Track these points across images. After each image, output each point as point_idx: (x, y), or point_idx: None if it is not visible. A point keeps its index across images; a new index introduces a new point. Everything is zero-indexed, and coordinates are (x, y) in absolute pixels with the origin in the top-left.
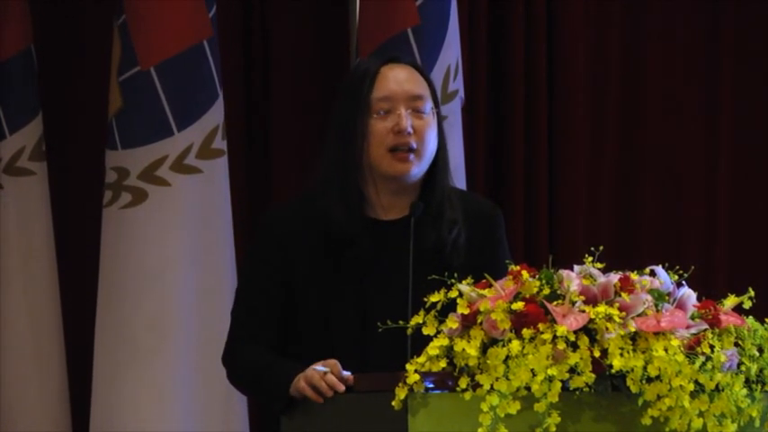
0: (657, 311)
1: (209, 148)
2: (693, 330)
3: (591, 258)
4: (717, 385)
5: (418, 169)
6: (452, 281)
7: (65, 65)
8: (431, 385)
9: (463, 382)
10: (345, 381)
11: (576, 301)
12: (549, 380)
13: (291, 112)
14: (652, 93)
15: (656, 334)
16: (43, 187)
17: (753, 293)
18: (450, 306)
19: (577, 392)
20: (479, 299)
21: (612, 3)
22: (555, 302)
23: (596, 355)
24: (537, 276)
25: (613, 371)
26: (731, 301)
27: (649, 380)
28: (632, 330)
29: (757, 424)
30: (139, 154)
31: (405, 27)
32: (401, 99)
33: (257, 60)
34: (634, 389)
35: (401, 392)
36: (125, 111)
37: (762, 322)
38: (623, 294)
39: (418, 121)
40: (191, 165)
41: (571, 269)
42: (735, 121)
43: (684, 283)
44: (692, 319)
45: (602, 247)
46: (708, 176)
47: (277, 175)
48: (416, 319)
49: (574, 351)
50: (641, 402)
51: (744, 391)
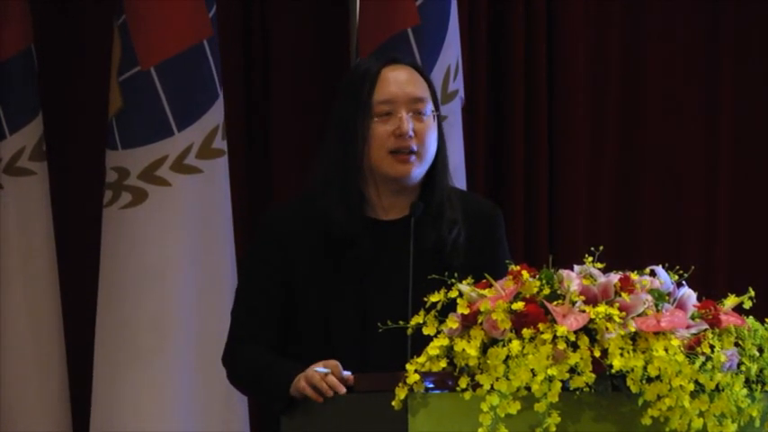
0: (657, 311)
1: (209, 148)
2: (693, 330)
3: (591, 258)
4: (717, 385)
5: (419, 171)
6: (452, 281)
7: (65, 65)
8: (431, 385)
9: (463, 382)
10: (346, 381)
11: (577, 301)
12: (550, 380)
13: (291, 112)
14: (652, 93)
15: (657, 334)
16: (43, 187)
17: (753, 293)
18: (451, 306)
19: (577, 392)
20: (479, 299)
21: (612, 3)
22: (555, 302)
23: (596, 355)
24: (537, 276)
25: (613, 371)
26: (731, 301)
27: (649, 380)
28: (632, 330)
29: (757, 424)
30: (139, 154)
31: (405, 27)
32: (402, 102)
33: (257, 60)
34: (634, 389)
35: (401, 392)
36: (125, 111)
37: (762, 322)
38: (623, 294)
39: (419, 124)
40: (191, 165)
41: (571, 269)
42: (735, 121)
43: (684, 283)
44: (692, 319)
45: (602, 247)
46: (708, 176)
47: (277, 175)
48: (416, 319)
49: (574, 351)
50: (641, 402)
51: (744, 391)
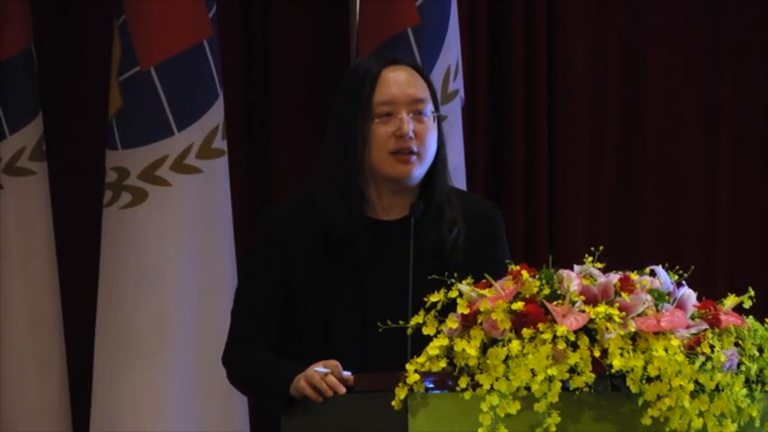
0: (657, 311)
1: (209, 147)
2: (693, 330)
3: (591, 258)
4: (717, 385)
5: (419, 171)
6: (452, 281)
7: (65, 65)
8: (431, 385)
9: (463, 381)
10: (346, 381)
11: (576, 301)
12: (549, 380)
13: (291, 112)
14: (652, 93)
15: (656, 334)
16: (43, 187)
17: (753, 293)
18: (450, 306)
19: (577, 392)
20: (479, 299)
21: (612, 3)
22: (555, 302)
23: (596, 354)
24: (537, 276)
25: (613, 371)
26: (731, 301)
27: (649, 380)
28: (632, 330)
29: (757, 424)
30: (139, 154)
31: (405, 27)
32: (402, 103)
33: (257, 60)
34: (634, 389)
35: (401, 392)
36: (125, 111)
37: (762, 322)
38: (623, 294)
39: (419, 125)
40: (191, 165)
41: (571, 269)
42: (735, 121)
43: (684, 283)
44: (692, 319)
45: (602, 247)
46: (708, 176)
47: (277, 175)
48: (416, 319)
49: (574, 351)
50: (641, 402)
51: (744, 391)
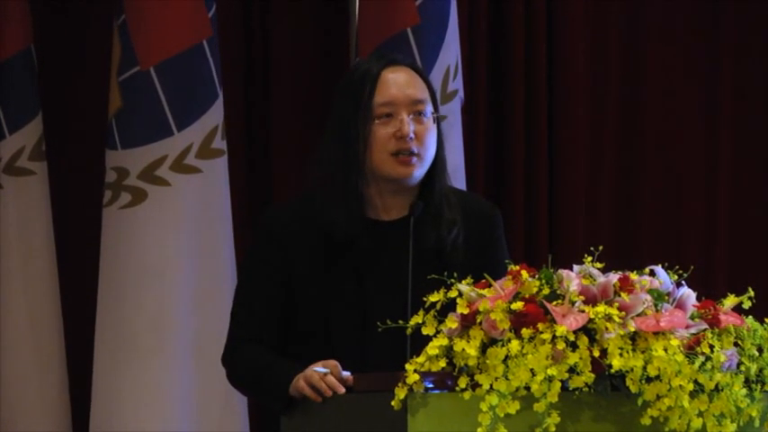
0: (657, 311)
1: (208, 147)
2: (693, 330)
3: (590, 258)
4: (716, 385)
5: (420, 172)
6: (452, 281)
7: (65, 65)
8: (430, 385)
9: (463, 381)
10: (345, 382)
11: (576, 301)
12: (549, 380)
13: (291, 112)
14: (652, 92)
15: (656, 334)
16: (43, 187)
17: (752, 293)
18: (450, 306)
19: (577, 392)
20: (479, 299)
21: (612, 3)
22: (554, 302)
23: (596, 354)
24: (536, 276)
25: (613, 371)
26: (731, 301)
27: (649, 380)
28: (632, 330)
29: (757, 424)
30: (139, 154)
31: (404, 27)
32: (403, 104)
33: (257, 60)
34: (633, 389)
35: (401, 392)
36: (125, 111)
37: (761, 322)
38: (623, 294)
39: (419, 126)
40: (190, 165)
41: (571, 269)
42: (735, 121)
43: (684, 283)
44: (692, 318)
45: (601, 247)
46: (708, 176)
47: (277, 175)
48: (416, 319)
49: (573, 351)
50: (641, 402)
51: (743, 391)
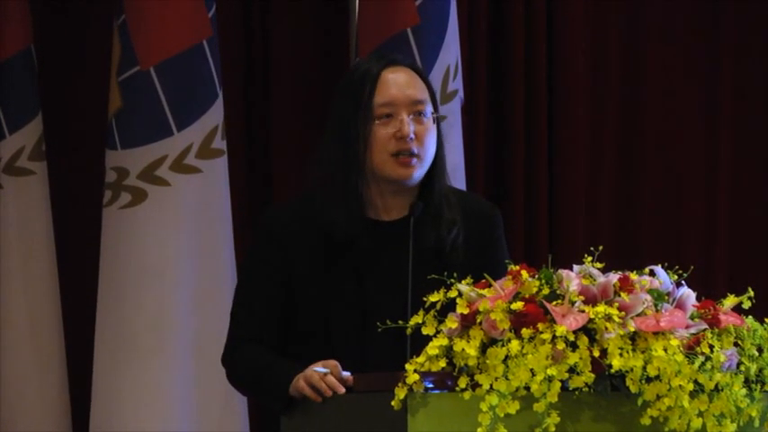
0: (657, 311)
1: (208, 147)
2: (693, 330)
3: (590, 258)
4: (716, 385)
5: (420, 172)
6: (452, 281)
7: (65, 65)
8: (430, 385)
9: (462, 381)
10: (345, 382)
11: (576, 301)
12: (549, 380)
13: (291, 112)
14: (652, 92)
15: (656, 334)
16: (43, 187)
17: (752, 293)
18: (450, 306)
19: (577, 392)
20: (479, 299)
21: (612, 3)
22: (554, 302)
23: (596, 354)
24: (536, 276)
25: (613, 371)
26: (730, 301)
27: (649, 380)
28: (632, 330)
29: (756, 424)
30: (139, 154)
31: (404, 27)
32: (403, 104)
33: (257, 60)
34: (633, 389)
35: (400, 392)
36: (125, 111)
37: (761, 322)
38: (623, 294)
39: (419, 126)
40: (190, 165)
41: (571, 269)
42: (735, 121)
43: (684, 283)
44: (692, 318)
45: (601, 247)
46: (708, 176)
47: (277, 175)
48: (416, 319)
49: (573, 351)
50: (641, 402)
51: (743, 391)
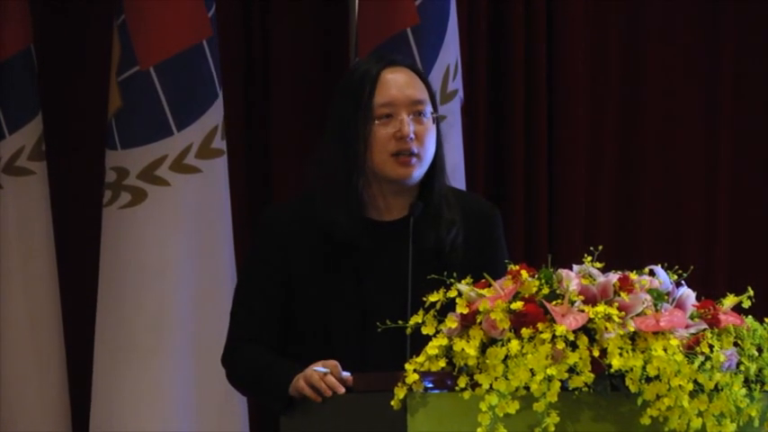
0: (656, 311)
1: (208, 147)
2: (692, 330)
3: (590, 258)
4: (716, 385)
5: (419, 172)
6: (451, 280)
7: (64, 65)
8: (430, 385)
9: (462, 381)
10: (345, 382)
11: (576, 301)
12: (549, 379)
13: (291, 112)
14: (652, 92)
15: (656, 334)
16: (43, 187)
17: (752, 293)
18: (450, 306)
19: (576, 392)
20: (478, 298)
21: (612, 3)
22: (554, 302)
23: (595, 354)
24: (536, 276)
25: (612, 370)
26: (730, 301)
27: (648, 379)
28: (631, 330)
29: (756, 424)
30: (139, 154)
31: (404, 27)
32: (403, 105)
33: (257, 60)
34: (633, 388)
35: (400, 392)
36: (124, 110)
37: (761, 322)
38: (622, 294)
39: (419, 126)
40: (190, 164)
41: (570, 269)
42: (735, 121)
43: (684, 282)
44: (692, 318)
45: (601, 247)
46: (708, 176)
47: (277, 175)
48: (415, 319)
49: (573, 351)
50: (640, 402)
51: (743, 391)
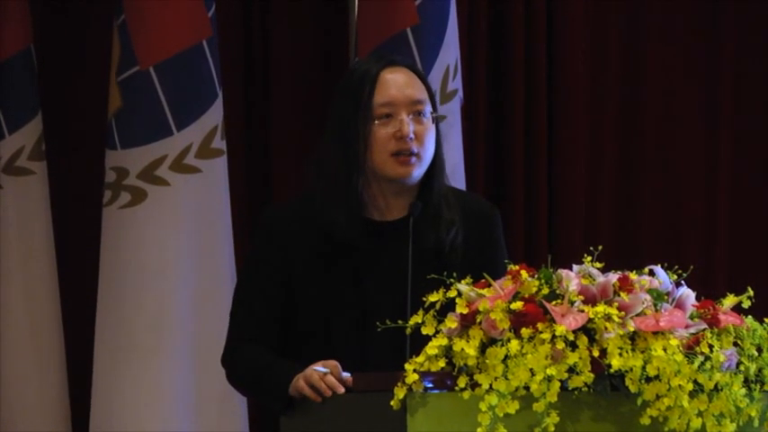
0: (656, 311)
1: (208, 147)
2: (692, 330)
3: (590, 258)
4: (716, 385)
5: (419, 171)
6: (451, 280)
7: (64, 65)
8: (430, 385)
9: (462, 381)
10: (345, 383)
11: (575, 301)
12: (548, 379)
13: (291, 112)
14: (652, 92)
15: (655, 334)
16: (43, 187)
17: (752, 293)
18: (449, 306)
19: (576, 392)
20: (478, 298)
21: (612, 3)
22: (554, 302)
23: (595, 354)
24: (536, 276)
25: (612, 370)
26: (730, 301)
27: (648, 379)
28: (631, 330)
29: (756, 424)
30: (139, 154)
31: (404, 27)
32: (402, 104)
33: (257, 60)
34: (633, 388)
35: (400, 392)
36: (124, 110)
37: (761, 322)
38: (622, 294)
39: (419, 126)
40: (190, 164)
41: (570, 269)
42: (735, 121)
43: (684, 282)
44: (691, 318)
45: (601, 247)
46: (708, 176)
47: (277, 175)
48: (415, 319)
49: (573, 351)
50: (640, 402)
51: (742, 391)
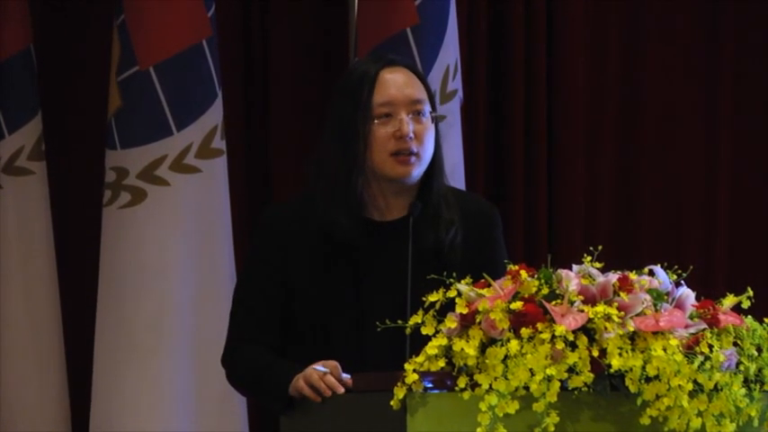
0: (656, 311)
1: (208, 147)
2: (692, 330)
3: (590, 258)
4: (715, 385)
5: (419, 171)
6: (451, 280)
7: (64, 65)
8: (429, 385)
9: (462, 381)
10: (344, 383)
11: (575, 301)
12: (548, 379)
13: (291, 112)
14: (652, 93)
15: (655, 333)
16: (43, 187)
17: (752, 293)
18: (449, 306)
19: (576, 392)
20: (478, 298)
21: (612, 3)
22: (554, 302)
23: (595, 354)
24: (535, 276)
25: (612, 370)
26: (730, 301)
27: (648, 379)
28: (631, 330)
29: (756, 424)
30: (139, 153)
31: (404, 27)
32: (402, 104)
33: (257, 60)
34: (633, 388)
35: (400, 392)
36: (124, 110)
37: (761, 322)
38: (622, 294)
39: (418, 126)
40: (190, 164)
41: (570, 269)
42: (735, 122)
43: (684, 282)
44: (691, 318)
45: (600, 247)
46: (708, 176)
47: (276, 175)
48: (415, 319)
49: (572, 351)
50: (640, 402)
51: (742, 391)
